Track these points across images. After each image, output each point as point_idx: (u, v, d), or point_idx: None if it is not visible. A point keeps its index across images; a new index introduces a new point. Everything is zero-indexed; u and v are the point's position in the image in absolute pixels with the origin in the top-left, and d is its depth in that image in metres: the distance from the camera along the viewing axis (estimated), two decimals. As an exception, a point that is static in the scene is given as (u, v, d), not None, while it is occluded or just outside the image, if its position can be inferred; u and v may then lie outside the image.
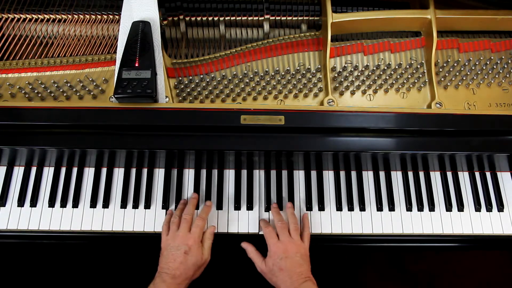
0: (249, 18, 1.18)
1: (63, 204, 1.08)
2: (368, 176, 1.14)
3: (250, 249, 1.03)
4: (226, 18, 1.18)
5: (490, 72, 1.17)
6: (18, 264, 1.53)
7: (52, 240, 1.07)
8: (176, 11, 1.16)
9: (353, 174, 1.14)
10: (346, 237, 1.10)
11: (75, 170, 1.11)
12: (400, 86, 1.14)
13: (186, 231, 0.98)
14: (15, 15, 1.15)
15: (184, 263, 0.94)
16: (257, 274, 1.01)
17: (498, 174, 1.16)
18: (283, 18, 1.18)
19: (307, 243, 1.01)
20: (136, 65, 1.02)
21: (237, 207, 1.09)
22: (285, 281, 0.93)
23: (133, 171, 1.12)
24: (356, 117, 1.02)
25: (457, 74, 1.16)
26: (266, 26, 1.19)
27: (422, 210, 1.11)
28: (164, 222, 1.03)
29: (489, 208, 1.11)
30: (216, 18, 1.17)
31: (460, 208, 1.11)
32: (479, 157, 1.07)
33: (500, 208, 1.12)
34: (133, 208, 1.08)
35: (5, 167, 1.10)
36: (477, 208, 1.11)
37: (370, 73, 1.15)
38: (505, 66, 1.18)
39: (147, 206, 1.08)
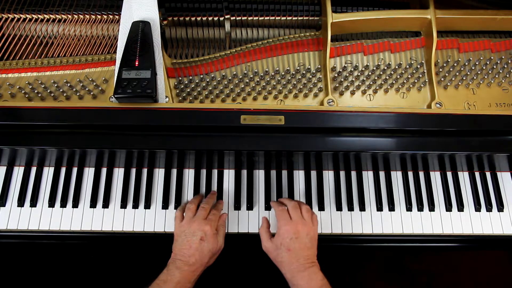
0: (249, 18, 1.18)
1: (63, 204, 1.08)
2: (368, 176, 1.14)
3: (264, 225, 1.03)
4: (226, 18, 1.17)
5: (490, 72, 1.17)
6: (18, 264, 1.53)
7: (52, 240, 1.07)
8: (176, 11, 1.16)
9: (353, 174, 1.14)
10: (346, 237, 1.10)
11: (75, 170, 1.11)
12: (400, 86, 1.14)
13: (203, 218, 0.98)
14: (15, 15, 1.15)
15: (199, 250, 0.93)
16: (257, 274, 1.01)
17: (498, 174, 1.16)
18: (283, 18, 1.18)
19: (316, 226, 0.99)
20: (136, 65, 1.02)
21: (237, 207, 1.09)
22: (291, 263, 0.92)
23: (133, 171, 1.12)
24: (356, 117, 1.02)
25: (457, 74, 1.16)
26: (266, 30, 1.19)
27: (422, 210, 1.11)
28: (178, 209, 1.04)
29: (489, 208, 1.11)
30: (216, 18, 1.17)
31: (460, 208, 1.11)
32: (479, 157, 1.07)
33: (500, 208, 1.12)
34: (133, 208, 1.08)
35: (5, 167, 1.11)
36: (477, 208, 1.12)
37: (370, 73, 1.15)
38: (505, 66, 1.18)
39: (147, 206, 1.08)
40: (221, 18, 1.17)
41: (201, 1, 1.15)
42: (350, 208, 1.10)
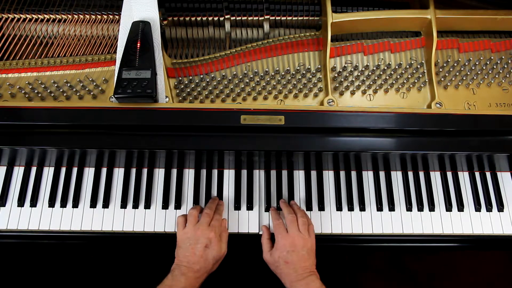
0: (249, 18, 1.18)
1: (63, 204, 1.08)
2: (368, 176, 1.14)
3: (265, 235, 1.04)
4: (226, 18, 1.17)
5: (490, 72, 1.17)
6: (18, 264, 1.53)
7: (52, 240, 1.07)
8: (176, 11, 1.16)
9: (353, 174, 1.14)
10: (346, 237, 1.10)
11: (75, 170, 1.11)
12: (400, 86, 1.14)
13: (207, 225, 0.98)
14: (15, 15, 1.15)
15: (204, 257, 0.94)
16: (256, 274, 1.01)
17: (498, 174, 1.16)
18: (283, 18, 1.18)
19: (313, 237, 1.01)
20: (136, 65, 1.02)
21: (237, 207, 1.09)
22: (289, 274, 0.94)
23: (133, 171, 1.12)
24: (356, 117, 1.02)
25: (457, 74, 1.16)
26: (266, 26, 1.19)
27: (422, 210, 1.11)
28: (180, 215, 1.03)
29: (489, 208, 1.11)
30: (216, 18, 1.17)
31: (460, 208, 1.11)
32: (479, 157, 1.07)
33: (500, 208, 1.12)
34: (133, 208, 1.08)
35: (5, 167, 1.11)
36: (477, 208, 1.12)
37: (370, 73, 1.15)
38: (505, 66, 1.18)
39: (147, 206, 1.08)
40: (221, 18, 1.17)
41: (201, 1, 1.15)
42: (350, 208, 1.10)
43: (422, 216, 1.10)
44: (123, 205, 1.08)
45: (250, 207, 1.09)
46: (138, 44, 1.04)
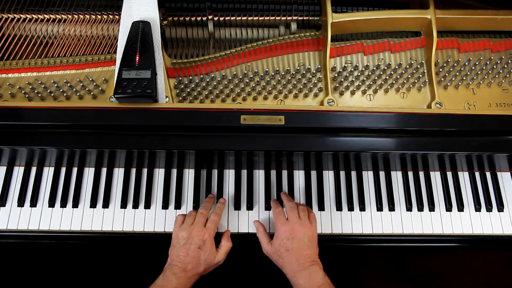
0: (249, 18, 1.18)
1: (63, 204, 1.08)
2: (368, 176, 1.14)
3: (260, 229, 1.03)
4: (227, 18, 1.18)
5: (490, 72, 1.17)
6: (18, 264, 1.53)
7: (52, 240, 1.07)
8: (176, 11, 1.16)
9: (353, 174, 1.14)
10: (346, 237, 1.10)
11: (75, 170, 1.11)
12: (400, 86, 1.14)
13: (202, 225, 0.98)
14: (15, 15, 1.15)
15: (196, 258, 0.94)
16: (258, 274, 1.01)
17: (498, 174, 1.16)
18: (283, 18, 1.18)
19: (314, 225, 1.00)
20: (136, 65, 1.02)
21: (237, 207, 1.09)
22: (291, 263, 0.93)
23: (133, 171, 1.12)
24: (356, 117, 1.02)
25: (457, 74, 1.16)
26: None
27: (422, 210, 1.11)
28: (180, 214, 1.03)
29: (489, 208, 1.11)
30: (216, 18, 1.17)
31: (460, 208, 1.11)
32: (479, 157, 1.07)
33: (500, 208, 1.12)
34: (133, 208, 1.08)
35: (5, 167, 1.11)
36: (477, 208, 1.12)
37: (370, 73, 1.15)
38: (505, 66, 1.18)
39: (147, 206, 1.08)
40: (221, 18, 1.17)
41: (201, 1, 1.15)
42: (350, 208, 1.10)
43: (422, 216, 1.10)
44: (123, 205, 1.08)
45: (250, 207, 1.09)
46: (138, 44, 1.04)
